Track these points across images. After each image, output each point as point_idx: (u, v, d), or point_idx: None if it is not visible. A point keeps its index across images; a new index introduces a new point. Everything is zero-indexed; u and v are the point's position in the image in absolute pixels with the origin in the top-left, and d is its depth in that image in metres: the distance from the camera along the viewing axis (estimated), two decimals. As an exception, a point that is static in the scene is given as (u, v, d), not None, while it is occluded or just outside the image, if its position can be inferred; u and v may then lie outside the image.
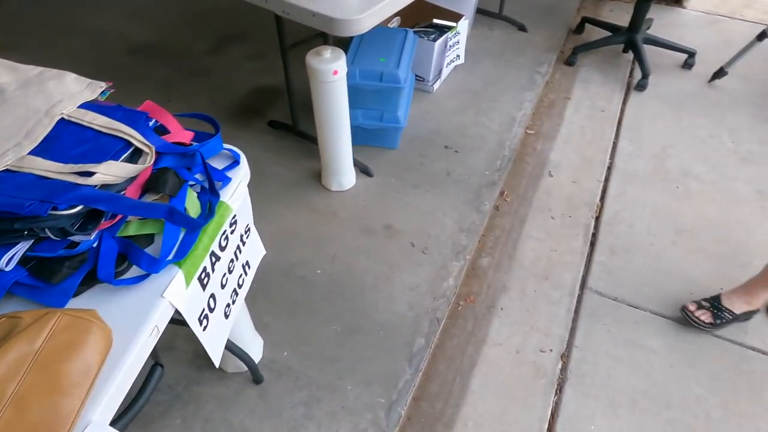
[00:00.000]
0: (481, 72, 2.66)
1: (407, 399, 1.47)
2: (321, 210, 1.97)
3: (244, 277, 1.04)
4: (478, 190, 2.05)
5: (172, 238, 0.83)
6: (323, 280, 1.74)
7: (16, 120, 0.88)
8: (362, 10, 1.46)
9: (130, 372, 0.72)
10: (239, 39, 2.88)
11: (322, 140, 1.91)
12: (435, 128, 2.33)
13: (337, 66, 1.64)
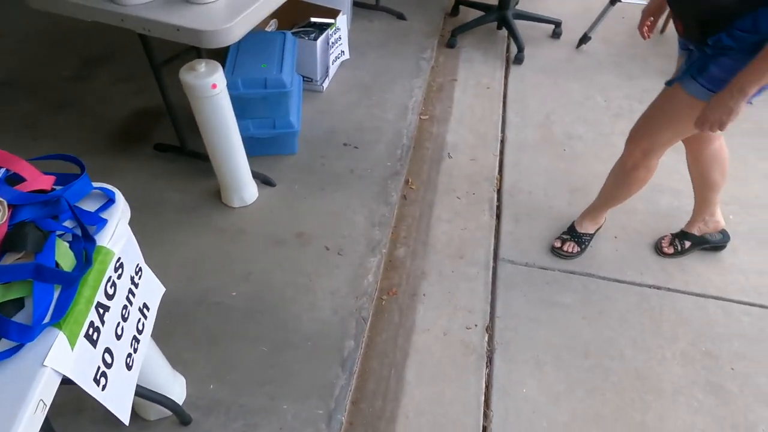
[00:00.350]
0: (368, 65, 2.67)
1: (346, 404, 1.45)
2: (226, 229, 1.88)
3: (143, 321, 0.96)
4: (383, 183, 2.06)
5: (45, 298, 0.74)
6: (241, 302, 1.66)
7: None
8: (230, 18, 1.40)
9: (16, 459, 0.63)
10: (106, 61, 2.67)
11: (214, 158, 1.82)
12: (331, 127, 2.30)
13: (215, 79, 1.56)
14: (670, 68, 2.81)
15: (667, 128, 1.44)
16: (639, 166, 1.57)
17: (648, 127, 1.49)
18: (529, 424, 1.43)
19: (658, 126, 1.46)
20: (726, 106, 1.19)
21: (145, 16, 1.41)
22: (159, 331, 1.53)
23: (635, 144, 1.55)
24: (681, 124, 1.38)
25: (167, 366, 1.36)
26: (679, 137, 1.47)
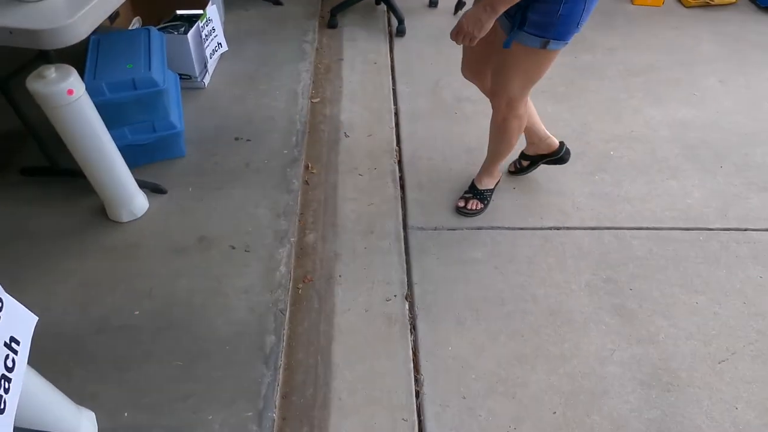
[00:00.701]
0: (249, 54, 2.57)
1: (275, 401, 1.40)
2: (118, 247, 1.74)
3: (13, 357, 0.85)
4: (282, 172, 2.00)
5: None
6: (146, 321, 1.55)
7: None
8: (71, 14, 1.27)
9: None
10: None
11: (89, 173, 1.66)
12: (219, 123, 2.19)
13: (70, 84, 1.41)
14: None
15: (516, 79, 1.53)
16: (508, 117, 1.65)
17: (502, 82, 1.57)
18: (458, 379, 1.47)
19: (509, 79, 1.54)
20: (479, 20, 1.30)
21: (-31, 22, 1.24)
22: (57, 367, 1.41)
23: (498, 99, 1.63)
24: (527, 72, 1.50)
25: (67, 402, 1.23)
26: (531, 83, 1.57)
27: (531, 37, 1.37)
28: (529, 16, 1.33)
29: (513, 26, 1.37)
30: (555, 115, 2.39)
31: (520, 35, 1.38)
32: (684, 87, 2.58)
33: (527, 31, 1.36)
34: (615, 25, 3.03)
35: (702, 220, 1.92)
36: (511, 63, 1.49)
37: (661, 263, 1.77)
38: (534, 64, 1.47)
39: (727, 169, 2.14)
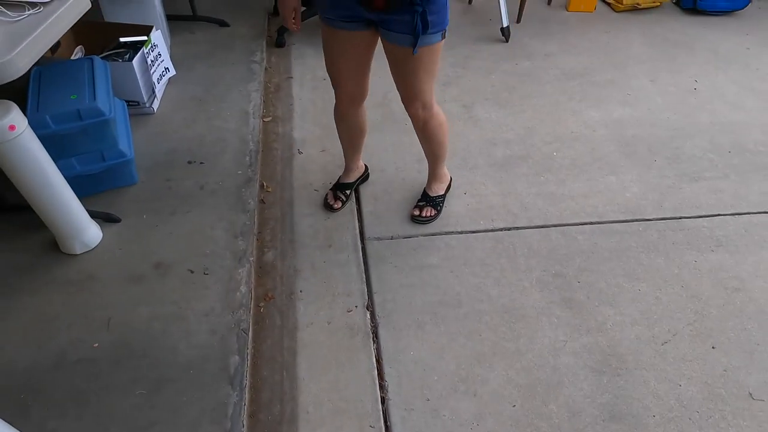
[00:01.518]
0: (197, 77, 2.57)
1: (243, 420, 1.42)
2: (73, 279, 1.71)
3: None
4: (237, 192, 2.01)
5: None
6: (105, 352, 1.53)
7: None
8: (8, 50, 1.26)
9: None
10: None
11: (38, 207, 1.64)
12: (171, 147, 2.19)
13: (12, 119, 1.40)
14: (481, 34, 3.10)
15: (428, 78, 1.61)
16: (428, 118, 1.73)
17: (413, 88, 1.63)
18: (421, 382, 1.52)
19: (421, 81, 1.61)
20: None
21: None
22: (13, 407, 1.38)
23: (413, 106, 1.69)
24: (433, 67, 1.59)
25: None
26: (435, 77, 1.65)
27: (433, 35, 1.46)
28: (429, 18, 1.40)
29: (416, 33, 1.42)
30: (499, 121, 2.50)
31: (426, 38, 1.45)
32: (618, 87, 2.74)
33: (432, 32, 1.44)
34: (551, 32, 3.19)
35: (640, 212, 2.05)
36: (419, 65, 1.55)
37: (605, 255, 1.88)
38: (436, 56, 1.56)
39: (660, 163, 2.28)
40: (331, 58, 1.67)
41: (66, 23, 1.45)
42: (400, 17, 1.41)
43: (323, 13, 1.53)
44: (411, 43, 1.45)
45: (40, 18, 1.37)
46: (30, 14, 1.38)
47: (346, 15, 1.48)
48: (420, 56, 1.50)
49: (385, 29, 1.48)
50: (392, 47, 1.52)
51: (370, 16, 1.45)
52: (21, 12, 1.37)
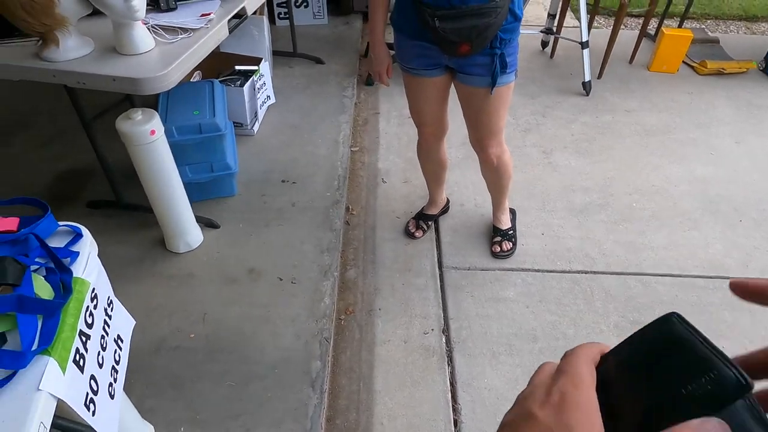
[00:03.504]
0: (294, 107, 2.79)
1: (321, 423, 1.48)
2: (175, 275, 1.87)
3: (119, 353, 0.97)
4: (325, 212, 2.15)
5: (30, 327, 0.75)
6: (200, 343, 1.66)
7: None
8: (163, 67, 1.47)
9: (25, 480, 0.64)
10: (18, 130, 2.60)
11: (156, 205, 1.83)
12: (267, 167, 2.38)
13: (153, 125, 1.61)
14: (562, 86, 3.19)
15: (501, 117, 1.70)
16: (501, 154, 1.81)
17: (491, 126, 1.72)
18: (494, 410, 1.53)
19: (499, 118, 1.70)
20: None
21: (79, 70, 1.45)
22: (120, 381, 1.51)
23: (488, 147, 1.78)
24: (506, 106, 1.67)
25: (135, 412, 1.33)
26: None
27: (509, 75, 1.57)
28: (507, 60, 1.51)
29: (495, 74, 1.52)
30: (578, 168, 2.54)
31: (504, 77, 1.55)
32: (701, 146, 2.73)
33: (509, 72, 1.55)
34: (632, 89, 3.23)
35: (724, 269, 2.01)
36: (497, 105, 1.64)
37: (686, 308, 1.85)
38: (510, 95, 1.65)
39: (746, 224, 2.24)
40: (414, 102, 1.80)
41: (208, 48, 1.66)
42: (479, 61, 1.52)
43: (406, 63, 1.65)
44: (489, 84, 1.56)
45: (189, 42, 1.59)
46: (182, 38, 1.60)
47: (428, 63, 1.60)
48: (497, 95, 1.60)
49: (462, 73, 1.59)
50: (469, 89, 1.62)
51: (449, 62, 1.58)
52: (175, 36, 1.60)
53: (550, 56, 3.54)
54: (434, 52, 1.53)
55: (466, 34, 1.41)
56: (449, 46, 1.46)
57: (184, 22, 1.63)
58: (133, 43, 1.48)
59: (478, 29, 1.40)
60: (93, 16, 1.56)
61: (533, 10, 4.22)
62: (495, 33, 1.43)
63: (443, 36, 1.43)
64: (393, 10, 1.58)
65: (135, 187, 2.01)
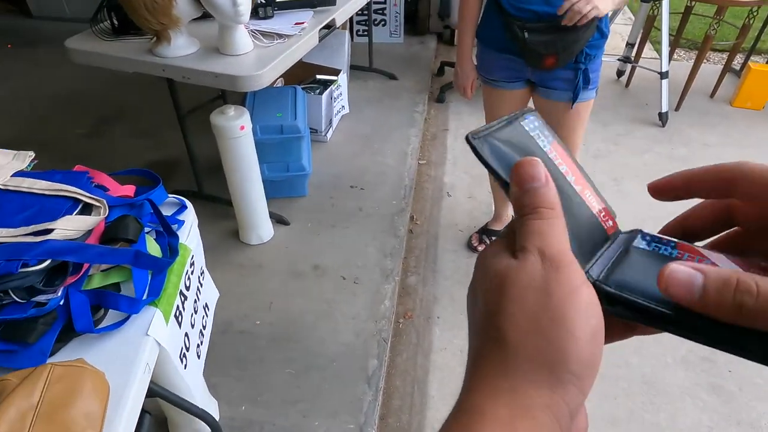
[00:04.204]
0: (366, 118, 2.89)
1: (375, 419, 1.51)
2: (246, 264, 1.98)
3: (206, 319, 1.05)
4: (390, 219, 2.20)
5: (142, 280, 0.84)
6: (265, 330, 1.73)
7: (-55, 198, 0.85)
8: (260, 67, 1.58)
9: (133, 410, 0.71)
10: (120, 119, 2.83)
11: (236, 197, 1.94)
12: (338, 172, 2.47)
13: (243, 121, 1.72)
14: (637, 116, 3.13)
15: (578, 135, 1.70)
16: None
17: (568, 142, 1.71)
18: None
19: (577, 135, 1.70)
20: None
21: (185, 66, 1.59)
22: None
23: None
24: (584, 123, 1.68)
25: (204, 384, 1.41)
26: None
27: (591, 91, 1.58)
28: (590, 75, 1.52)
29: (577, 88, 1.53)
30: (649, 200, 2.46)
31: (585, 93, 1.56)
32: (786, 187, 2.59)
33: (590, 88, 1.56)
34: (712, 123, 3.12)
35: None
36: (576, 121, 1.64)
37: (763, 351, 1.75)
38: (588, 113, 1.65)
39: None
40: (491, 115, 1.83)
41: (299, 54, 1.77)
42: (562, 75, 1.54)
43: (488, 75, 1.69)
44: (570, 99, 1.57)
45: (284, 47, 1.70)
46: (277, 43, 1.72)
47: (510, 76, 1.64)
48: (576, 111, 1.61)
49: (543, 87, 1.61)
50: (549, 104, 1.63)
51: (531, 76, 1.60)
52: (271, 41, 1.72)
53: (625, 85, 3.49)
54: (519, 65, 1.57)
55: (554, 47, 1.44)
56: (536, 58, 1.49)
57: (280, 29, 1.75)
58: (234, 44, 1.61)
59: (565, 43, 1.43)
60: (201, 19, 1.71)
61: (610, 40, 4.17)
62: (582, 48, 1.46)
63: (531, 48, 1.46)
64: (479, 24, 1.63)
65: (215, 180, 2.15)
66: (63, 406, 0.64)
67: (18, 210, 0.84)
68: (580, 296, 0.24)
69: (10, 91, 3.13)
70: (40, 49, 3.65)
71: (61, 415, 0.63)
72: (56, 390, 0.65)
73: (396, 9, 3.67)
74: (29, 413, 0.62)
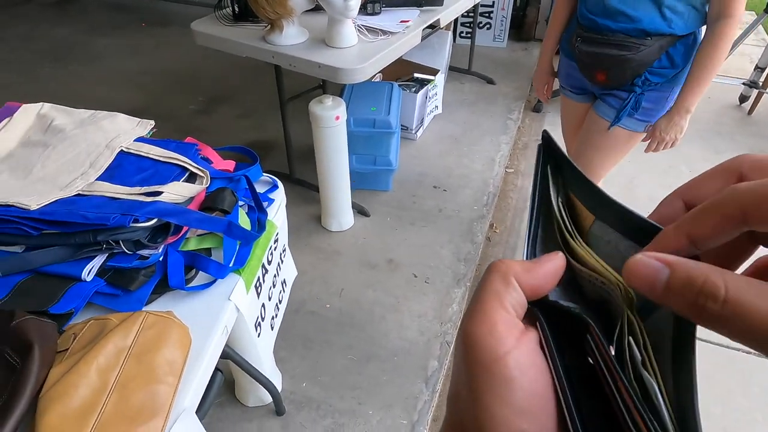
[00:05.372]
0: (458, 120, 2.88)
1: (428, 419, 1.51)
2: (324, 249, 2.05)
3: (283, 294, 1.11)
4: (469, 224, 2.18)
5: (231, 249, 0.91)
6: (333, 314, 1.80)
7: (79, 153, 0.96)
8: (362, 61, 1.63)
9: (209, 366, 0.78)
10: (227, 100, 3.04)
11: (323, 183, 2.02)
12: (423, 171, 2.49)
13: (339, 112, 1.79)
14: (757, 144, 2.84)
15: (609, 162, 1.57)
16: None
17: (595, 166, 1.58)
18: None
19: (597, 161, 1.57)
20: (678, 125, 1.38)
21: (293, 54, 1.68)
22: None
23: None
24: (619, 154, 1.55)
25: (272, 357, 1.49)
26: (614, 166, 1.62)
27: (638, 122, 1.44)
28: (642, 103, 1.40)
29: (623, 110, 1.42)
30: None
31: (629, 121, 1.44)
32: None
33: (637, 117, 1.43)
34: None
35: None
36: (609, 146, 1.52)
37: None
38: (628, 146, 1.52)
39: None
40: (563, 122, 1.77)
41: (401, 51, 1.81)
42: (617, 93, 1.43)
43: (561, 81, 1.64)
44: (612, 118, 1.47)
45: (386, 43, 1.74)
46: (381, 39, 1.76)
47: (576, 86, 1.57)
48: (612, 136, 1.50)
49: (600, 100, 1.52)
50: (593, 117, 1.54)
51: (594, 90, 1.52)
52: (376, 36, 1.76)
53: (748, 112, 3.18)
54: (580, 75, 1.50)
55: (603, 63, 1.37)
56: (588, 70, 1.43)
57: (385, 26, 1.79)
58: (341, 37, 1.67)
59: (614, 60, 1.34)
60: (312, 11, 1.79)
61: (736, 62, 3.81)
62: (639, 70, 1.35)
63: (581, 59, 1.42)
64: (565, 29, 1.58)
65: (306, 165, 2.26)
66: (151, 351, 0.71)
67: (135, 171, 0.94)
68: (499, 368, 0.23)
69: (140, 64, 3.47)
70: (168, 29, 4.00)
71: (149, 358, 0.71)
72: (147, 335, 0.73)
73: (503, 13, 3.61)
74: (123, 351, 0.70)
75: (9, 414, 0.60)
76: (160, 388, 0.69)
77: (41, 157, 0.95)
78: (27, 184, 0.88)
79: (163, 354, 0.72)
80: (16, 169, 0.92)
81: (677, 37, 1.30)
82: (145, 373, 0.69)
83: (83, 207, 0.84)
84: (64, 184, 0.88)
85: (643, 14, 1.27)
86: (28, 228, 0.79)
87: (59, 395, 0.63)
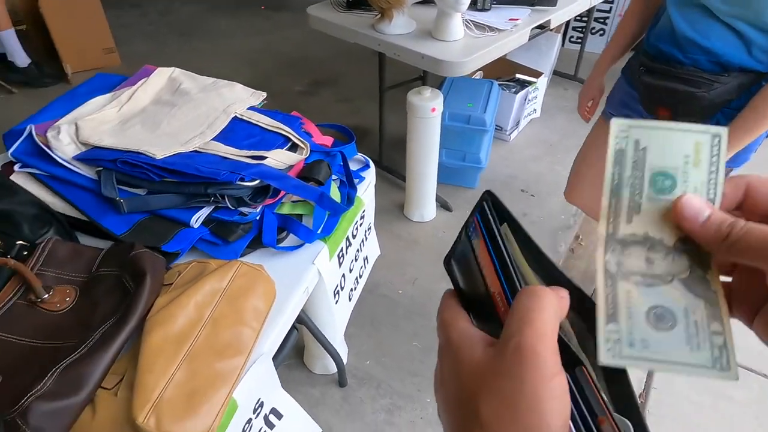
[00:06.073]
0: (555, 126, 2.79)
1: (484, 419, 1.51)
2: (403, 237, 2.09)
3: (363, 270, 1.17)
4: (553, 233, 2.12)
5: (320, 218, 0.97)
6: (404, 300, 1.83)
7: (200, 115, 1.07)
8: (465, 55, 1.64)
9: (288, 320, 0.84)
10: (330, 84, 3.17)
11: (410, 173, 2.06)
12: (511, 173, 2.45)
13: (436, 104, 1.81)
14: None
15: None
16: None
17: None
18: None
19: None
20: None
21: (398, 44, 1.72)
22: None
23: None
24: None
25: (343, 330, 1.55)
26: None
27: None
28: None
29: None
30: None
31: None
32: None
33: None
34: None
35: None
36: None
37: None
38: None
39: None
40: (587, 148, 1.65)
41: (505, 49, 1.79)
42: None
43: (607, 104, 1.48)
44: None
45: (492, 40, 1.73)
46: (486, 35, 1.75)
47: (625, 115, 1.39)
48: None
49: None
50: None
51: None
52: (482, 32, 1.76)
53: None
54: (640, 107, 1.31)
55: (667, 98, 1.19)
56: (650, 103, 1.26)
57: (494, 22, 1.78)
58: (448, 30, 1.69)
59: (679, 96, 1.16)
60: (422, 3, 1.83)
61: None
62: (712, 111, 1.16)
63: (642, 90, 1.26)
64: None
65: (396, 154, 2.30)
66: (240, 297, 0.79)
67: (245, 136, 1.03)
68: (554, 384, 0.25)
69: (255, 45, 3.70)
70: (284, 13, 4.23)
71: (238, 302, 0.78)
72: (239, 282, 0.80)
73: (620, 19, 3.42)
74: (218, 293, 0.78)
75: (122, 328, 0.69)
76: (245, 330, 0.76)
77: (168, 115, 1.06)
78: (155, 137, 1.00)
79: (251, 301, 0.79)
80: (147, 122, 1.04)
81: (762, 75, 1.09)
82: (234, 314, 0.76)
83: (198, 162, 0.93)
84: (184, 140, 0.99)
85: (719, 45, 1.08)
86: (152, 174, 0.89)
87: (163, 320, 0.72)
